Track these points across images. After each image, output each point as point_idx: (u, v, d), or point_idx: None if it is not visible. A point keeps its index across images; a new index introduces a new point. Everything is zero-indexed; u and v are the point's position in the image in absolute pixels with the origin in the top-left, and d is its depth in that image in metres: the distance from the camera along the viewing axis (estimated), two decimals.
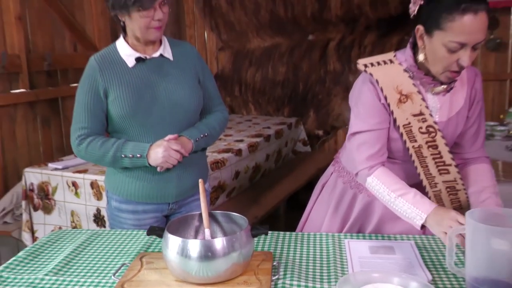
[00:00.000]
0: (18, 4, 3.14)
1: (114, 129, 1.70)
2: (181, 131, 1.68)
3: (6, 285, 1.25)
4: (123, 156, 1.61)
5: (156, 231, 1.27)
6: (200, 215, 1.33)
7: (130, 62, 1.65)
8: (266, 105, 4.78)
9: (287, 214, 3.52)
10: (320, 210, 1.75)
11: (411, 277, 1.13)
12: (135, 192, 1.70)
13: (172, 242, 1.17)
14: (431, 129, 1.45)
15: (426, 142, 1.46)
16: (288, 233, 1.55)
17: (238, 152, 3.20)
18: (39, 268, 1.34)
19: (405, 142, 1.46)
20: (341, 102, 4.46)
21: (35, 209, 2.83)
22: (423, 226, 1.33)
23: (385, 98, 1.44)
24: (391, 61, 1.48)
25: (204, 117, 1.81)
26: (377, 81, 1.44)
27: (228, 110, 1.91)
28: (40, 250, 1.47)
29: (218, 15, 4.74)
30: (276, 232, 1.55)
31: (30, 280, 1.27)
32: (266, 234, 1.27)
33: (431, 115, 1.45)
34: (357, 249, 1.40)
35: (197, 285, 1.17)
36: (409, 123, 1.45)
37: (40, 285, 1.24)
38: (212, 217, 1.35)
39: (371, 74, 1.46)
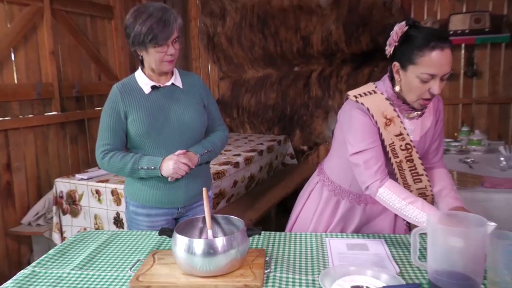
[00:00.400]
0: (51, 41, 3.16)
1: (132, 145, 1.70)
2: (188, 147, 1.68)
3: (38, 278, 1.24)
4: (139, 168, 1.61)
5: (167, 232, 1.27)
6: (204, 218, 1.32)
7: (147, 89, 1.66)
8: (260, 125, 4.79)
9: (277, 217, 3.50)
10: (308, 214, 1.74)
11: (382, 269, 1.12)
12: (149, 198, 1.70)
13: (180, 241, 1.16)
14: (408, 146, 1.47)
15: (405, 157, 1.49)
16: (278, 233, 1.54)
17: (236, 165, 3.20)
18: (66, 264, 1.33)
19: (390, 158, 1.48)
20: (322, 122, 4.48)
21: (64, 213, 2.81)
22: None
23: (376, 122, 1.45)
24: (374, 92, 1.49)
25: (208, 135, 1.81)
26: (368, 109, 1.45)
27: (228, 130, 1.91)
28: (67, 248, 1.46)
29: (219, 51, 4.77)
30: (268, 232, 1.54)
31: (58, 274, 1.25)
32: (260, 234, 1.27)
33: (408, 134, 1.47)
34: (336, 246, 1.40)
35: (201, 278, 1.16)
36: (393, 142, 1.47)
37: (67, 278, 1.23)
38: (214, 219, 1.35)
39: (362, 103, 1.46)
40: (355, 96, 1.48)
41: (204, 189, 1.36)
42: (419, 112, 1.48)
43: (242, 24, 4.58)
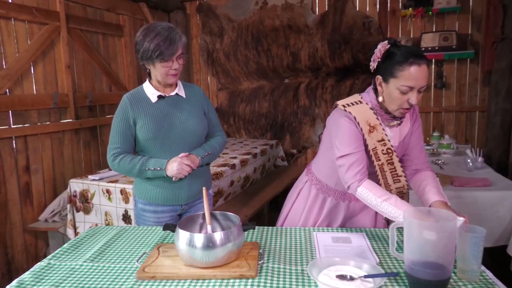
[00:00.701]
0: (67, 56, 3.14)
1: (140, 148, 1.70)
2: (190, 150, 1.68)
3: (53, 270, 1.22)
4: (147, 169, 1.61)
5: (170, 227, 1.26)
6: (204, 214, 1.31)
7: (153, 98, 1.66)
8: (254, 131, 4.78)
9: (269, 213, 3.49)
10: (298, 210, 1.74)
11: (363, 260, 1.12)
12: (155, 196, 1.69)
13: (182, 236, 1.15)
14: (389, 151, 1.49)
15: (387, 160, 1.50)
16: (270, 227, 1.53)
17: (233, 166, 3.19)
18: (79, 257, 1.31)
19: (373, 161, 1.49)
20: (309, 128, 4.48)
21: (77, 210, 2.78)
22: None
23: (361, 129, 1.46)
24: (360, 102, 1.51)
25: (208, 140, 1.81)
26: (355, 117, 1.46)
27: (225, 135, 1.91)
28: (80, 242, 1.44)
29: (218, 65, 4.77)
30: (261, 227, 1.54)
31: (71, 266, 1.24)
32: (254, 228, 1.26)
33: (389, 140, 1.49)
34: (323, 239, 1.39)
35: (201, 269, 1.15)
36: (376, 147, 1.48)
37: (80, 270, 1.21)
38: (212, 216, 1.34)
39: (350, 112, 1.47)
40: (344, 106, 1.49)
41: (204, 188, 1.36)
42: (399, 121, 1.50)
43: (238, 41, 4.58)
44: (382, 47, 1.41)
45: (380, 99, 1.46)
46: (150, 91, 1.67)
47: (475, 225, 1.09)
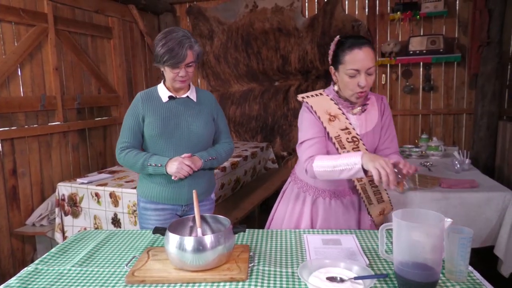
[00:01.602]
0: (55, 58, 3.10)
1: (146, 145, 1.75)
2: (194, 152, 1.72)
3: (41, 275, 1.20)
4: (148, 164, 1.65)
5: (160, 230, 1.25)
6: (194, 217, 1.30)
7: (165, 98, 1.71)
8: (244, 134, 4.78)
9: (260, 216, 3.49)
10: (282, 211, 1.77)
11: (353, 262, 1.12)
12: (156, 195, 1.73)
13: (172, 239, 1.15)
14: (355, 139, 1.54)
15: (353, 148, 1.54)
16: (261, 230, 1.53)
17: (223, 169, 3.18)
18: (67, 261, 1.29)
19: (337, 149, 1.53)
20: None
21: (66, 214, 2.74)
22: (365, 171, 1.34)
23: (319, 118, 1.53)
24: (320, 94, 1.59)
25: (215, 146, 1.85)
26: (311, 106, 1.54)
27: (233, 143, 1.93)
28: (68, 247, 1.42)
29: (208, 68, 4.76)
30: (252, 229, 1.53)
31: (59, 271, 1.22)
32: (244, 231, 1.26)
33: (354, 129, 1.54)
34: (313, 241, 1.39)
35: (191, 272, 1.14)
36: (339, 135, 1.53)
37: (68, 275, 1.19)
38: (203, 219, 1.33)
39: (307, 102, 1.57)
40: (303, 97, 1.59)
41: (194, 191, 1.35)
42: (360, 108, 1.55)
43: (228, 44, 4.59)
44: (334, 41, 1.51)
45: (336, 88, 1.55)
46: (163, 91, 1.72)
47: (462, 226, 1.10)
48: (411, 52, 3.90)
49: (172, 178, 1.66)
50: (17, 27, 2.82)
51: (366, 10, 4.14)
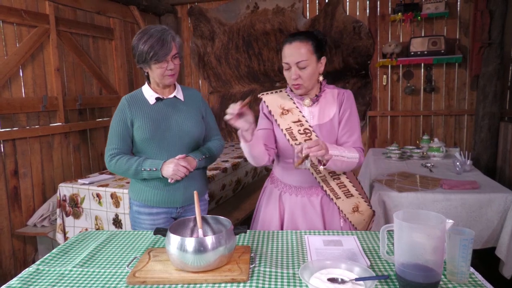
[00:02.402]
0: (57, 59, 3.11)
1: (137, 149, 1.71)
2: (187, 152, 1.69)
3: (42, 275, 1.20)
4: (143, 169, 1.61)
5: (161, 231, 1.25)
6: (195, 218, 1.30)
7: (152, 100, 1.67)
8: None
9: None
10: (260, 208, 1.78)
11: (354, 263, 1.12)
12: (151, 198, 1.70)
13: (173, 240, 1.14)
14: (307, 131, 1.58)
15: (305, 140, 1.56)
16: (262, 231, 1.53)
17: (225, 170, 3.18)
18: (68, 262, 1.29)
19: (288, 140, 1.58)
20: None
21: (67, 215, 2.75)
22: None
23: (270, 111, 1.64)
24: (280, 91, 1.70)
25: (206, 143, 1.82)
26: (264, 101, 1.68)
27: (223, 139, 1.92)
28: (69, 247, 1.42)
29: (209, 68, 4.76)
30: (253, 230, 1.53)
31: (61, 272, 1.22)
32: (245, 232, 1.25)
33: (307, 121, 1.58)
34: (314, 242, 1.39)
35: (192, 273, 1.14)
36: (290, 127, 1.59)
37: (69, 275, 1.19)
38: (204, 219, 1.33)
39: (261, 98, 1.69)
40: (262, 94, 1.71)
41: (195, 192, 1.35)
42: (309, 100, 1.60)
43: (229, 45, 4.59)
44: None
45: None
46: (149, 93, 1.68)
47: (464, 228, 1.10)
48: (412, 53, 3.90)
49: (169, 181, 1.62)
50: (19, 28, 2.83)
51: (367, 11, 4.15)
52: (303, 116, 1.59)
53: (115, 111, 1.69)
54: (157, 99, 1.67)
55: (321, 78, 1.60)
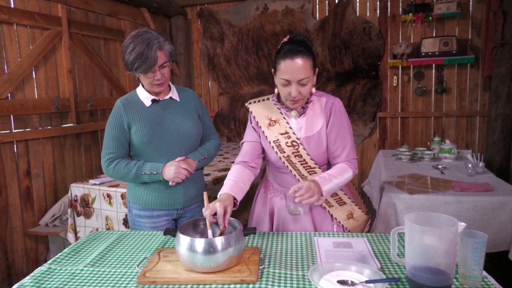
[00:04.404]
0: (69, 61, 3.15)
1: (135, 153, 1.69)
2: (186, 154, 1.68)
3: (54, 274, 1.22)
4: (143, 173, 1.60)
5: (171, 232, 1.25)
6: (205, 219, 1.31)
7: (147, 103, 1.65)
8: None
9: None
10: (254, 208, 1.77)
11: (364, 265, 1.11)
12: (151, 201, 1.68)
13: (183, 240, 1.15)
14: (294, 143, 1.53)
15: (293, 153, 1.53)
16: (271, 232, 1.53)
17: None
18: (79, 261, 1.31)
19: (277, 152, 1.55)
20: None
21: (78, 215, 2.78)
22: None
23: (257, 123, 1.59)
24: (268, 99, 1.62)
25: (203, 143, 1.81)
26: (251, 112, 1.62)
27: (221, 139, 1.93)
28: (81, 247, 1.44)
29: (219, 70, 4.78)
30: (262, 231, 1.53)
31: (72, 271, 1.23)
32: (255, 233, 1.26)
33: (294, 133, 1.53)
34: (324, 244, 1.38)
35: (201, 274, 1.15)
36: (278, 139, 1.55)
37: (80, 275, 1.21)
38: None
39: (248, 108, 1.64)
40: (249, 102, 1.66)
41: (205, 193, 1.35)
42: (297, 112, 1.54)
43: (239, 46, 4.60)
44: (281, 42, 1.49)
45: (276, 91, 1.55)
46: (144, 95, 1.66)
47: (476, 231, 1.09)
48: (423, 54, 3.86)
49: (170, 183, 1.61)
50: (32, 31, 2.88)
51: (378, 11, 4.12)
52: (290, 128, 1.53)
53: (110, 114, 1.65)
54: (153, 101, 1.65)
55: (313, 89, 1.54)
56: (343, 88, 4.21)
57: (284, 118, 1.56)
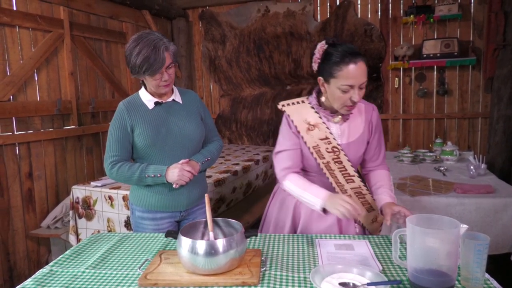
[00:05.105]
0: (71, 63, 3.16)
1: (138, 155, 1.68)
2: (190, 156, 1.68)
3: (55, 276, 1.22)
4: (146, 176, 1.59)
5: (172, 234, 1.25)
6: (206, 221, 1.31)
7: (150, 105, 1.64)
8: (256, 138, 4.79)
9: None
10: (271, 213, 1.75)
11: (366, 267, 1.11)
12: (154, 204, 1.68)
13: (185, 242, 1.15)
14: (335, 149, 1.50)
15: (333, 159, 1.51)
16: (273, 234, 1.53)
17: (235, 173, 3.19)
18: (81, 263, 1.31)
19: (316, 159, 1.51)
20: None
21: (80, 217, 2.78)
22: (325, 210, 1.38)
23: (296, 127, 1.51)
24: (302, 102, 1.56)
25: (206, 145, 1.81)
26: (288, 115, 1.53)
27: (222, 140, 1.91)
28: (82, 249, 1.44)
29: (220, 72, 4.79)
30: (264, 234, 1.53)
31: (74, 273, 1.23)
32: (256, 235, 1.26)
33: (334, 139, 1.50)
34: (325, 246, 1.38)
35: (203, 276, 1.15)
36: (317, 145, 1.50)
37: (82, 277, 1.21)
38: (215, 222, 1.34)
39: (284, 111, 1.55)
40: (283, 105, 1.57)
41: (206, 195, 1.36)
42: (341, 117, 1.51)
43: (240, 48, 4.61)
44: (320, 47, 1.44)
45: (323, 99, 1.50)
46: (147, 98, 1.65)
47: (478, 233, 1.08)
48: (425, 56, 3.86)
49: (174, 186, 1.60)
50: (34, 33, 2.89)
51: (379, 13, 4.12)
52: (331, 133, 1.49)
53: (113, 117, 1.65)
54: (156, 103, 1.64)
55: None
56: None
57: (323, 122, 1.50)
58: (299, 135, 1.52)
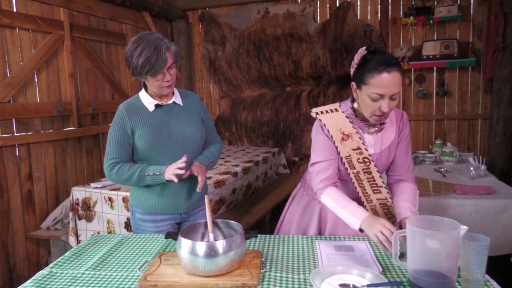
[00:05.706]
0: (71, 65, 3.16)
1: (139, 157, 1.68)
2: (190, 159, 1.67)
3: (55, 278, 1.22)
4: (146, 174, 1.58)
5: (172, 235, 1.25)
6: (206, 223, 1.31)
7: (151, 107, 1.64)
8: (256, 139, 4.79)
9: (272, 221, 3.47)
10: (291, 215, 1.75)
11: (366, 269, 1.11)
12: (155, 205, 1.68)
13: (184, 244, 1.15)
14: (366, 160, 1.48)
15: (363, 169, 1.49)
16: (272, 236, 1.53)
17: (235, 174, 3.18)
18: (81, 265, 1.31)
19: (347, 168, 1.49)
20: (311, 136, 4.48)
21: (80, 218, 2.78)
22: (361, 229, 1.34)
23: (331, 137, 1.48)
24: (336, 110, 1.52)
25: (207, 147, 1.81)
26: (324, 125, 1.49)
27: (223, 142, 1.91)
28: (82, 251, 1.44)
29: (220, 73, 4.79)
30: (264, 235, 1.53)
31: (73, 274, 1.23)
32: (256, 237, 1.26)
33: (366, 149, 1.48)
34: (325, 248, 1.38)
35: (203, 277, 1.15)
36: (350, 155, 1.48)
37: (81, 278, 1.21)
38: (215, 224, 1.34)
39: (320, 120, 1.51)
40: (317, 113, 1.52)
41: (206, 196, 1.36)
42: (376, 128, 1.48)
43: (240, 50, 4.61)
44: (360, 53, 1.41)
45: (356, 105, 1.47)
46: (147, 100, 1.64)
47: (478, 234, 1.08)
48: (425, 57, 3.86)
49: (175, 181, 1.55)
50: (34, 35, 2.89)
51: (379, 15, 4.13)
52: (363, 143, 1.47)
53: (113, 119, 1.64)
54: (156, 106, 1.63)
55: None
56: (344, 91, 4.22)
57: (356, 132, 1.48)
58: (334, 144, 1.50)
